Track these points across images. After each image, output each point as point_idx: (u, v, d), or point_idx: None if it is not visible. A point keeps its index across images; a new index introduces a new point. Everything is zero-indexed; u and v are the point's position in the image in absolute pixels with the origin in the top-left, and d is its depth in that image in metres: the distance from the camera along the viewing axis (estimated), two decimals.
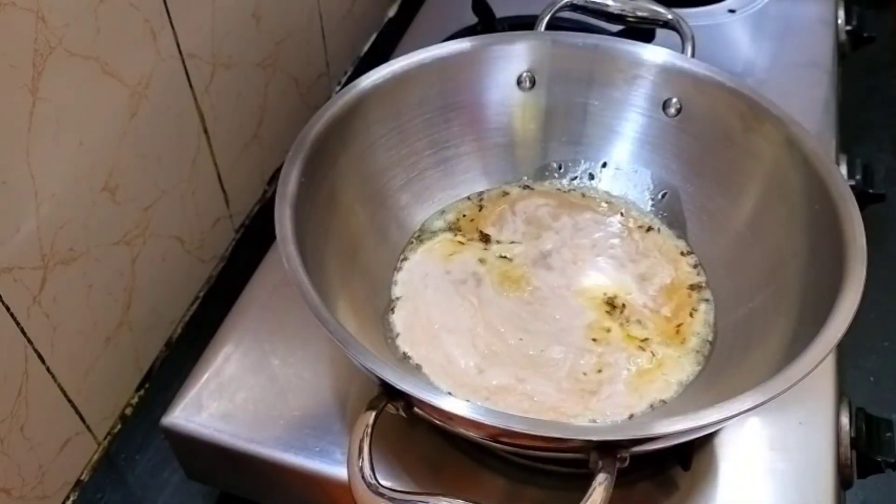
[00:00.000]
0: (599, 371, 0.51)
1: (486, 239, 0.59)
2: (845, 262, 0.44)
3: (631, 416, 0.49)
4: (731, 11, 0.84)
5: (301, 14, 0.78)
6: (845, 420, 0.51)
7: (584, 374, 0.51)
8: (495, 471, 0.49)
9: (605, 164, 0.62)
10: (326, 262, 0.50)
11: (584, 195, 0.62)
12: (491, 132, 0.62)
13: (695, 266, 0.57)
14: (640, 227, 0.60)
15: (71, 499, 0.59)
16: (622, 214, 0.61)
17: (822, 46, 0.80)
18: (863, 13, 0.86)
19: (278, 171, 0.49)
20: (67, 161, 0.52)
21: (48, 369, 0.53)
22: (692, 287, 0.56)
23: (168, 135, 0.61)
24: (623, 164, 0.62)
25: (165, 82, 0.59)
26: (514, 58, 0.60)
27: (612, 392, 0.50)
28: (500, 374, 0.51)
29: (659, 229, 0.60)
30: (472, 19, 0.80)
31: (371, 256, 0.56)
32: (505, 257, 0.58)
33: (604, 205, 0.62)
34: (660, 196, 0.61)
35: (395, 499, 0.39)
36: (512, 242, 0.59)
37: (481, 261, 0.57)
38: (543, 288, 0.56)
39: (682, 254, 0.58)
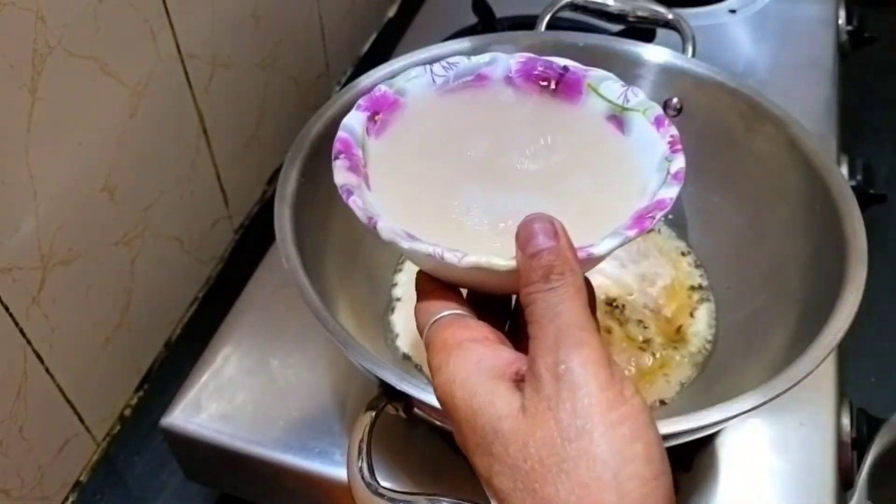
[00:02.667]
0: None
1: None
2: (846, 263, 0.44)
3: None
4: (732, 11, 0.84)
5: (301, 14, 0.78)
6: (846, 421, 0.51)
7: None
8: None
9: None
10: (326, 263, 0.50)
11: None
12: None
13: (695, 266, 0.57)
14: None
15: (70, 500, 0.59)
16: None
17: (823, 46, 0.80)
18: (863, 13, 0.86)
19: (278, 171, 0.49)
20: (66, 161, 0.52)
21: (47, 370, 0.53)
22: (693, 288, 0.56)
23: (167, 135, 0.61)
24: None
25: (165, 82, 0.59)
26: None
27: None
28: None
29: (659, 230, 0.60)
30: (472, 19, 0.80)
31: (371, 257, 0.56)
32: None
33: None
34: None
35: (394, 499, 0.39)
36: None
37: None
38: None
39: (683, 254, 0.58)
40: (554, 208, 0.34)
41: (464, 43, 0.58)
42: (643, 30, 0.72)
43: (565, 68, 0.42)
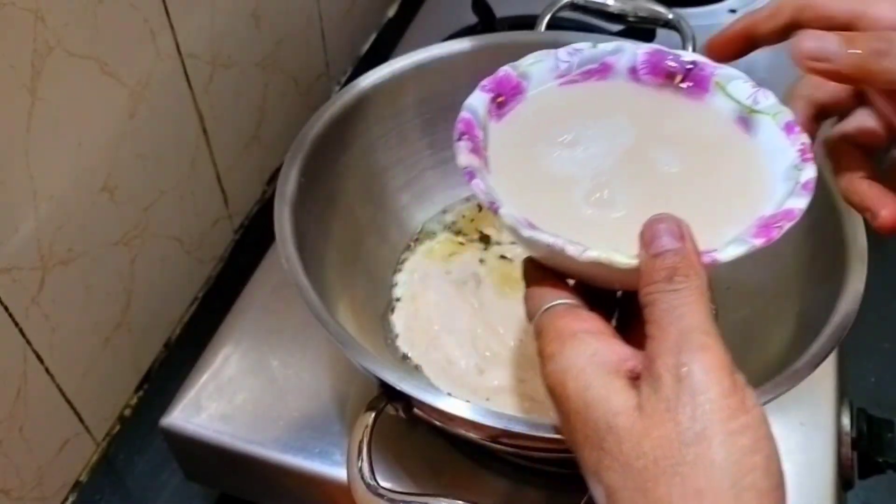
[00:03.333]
0: None
1: (486, 239, 0.59)
2: (846, 263, 0.44)
3: None
4: (732, 11, 0.84)
5: (301, 14, 0.78)
6: (846, 421, 0.51)
7: None
8: (495, 472, 0.49)
9: None
10: (326, 263, 0.50)
11: None
12: None
13: None
14: None
15: (70, 500, 0.59)
16: None
17: None
18: None
19: (278, 171, 0.49)
20: (66, 161, 0.52)
21: (47, 370, 0.53)
22: None
23: (167, 135, 0.61)
24: None
25: (164, 82, 0.59)
26: (514, 58, 0.60)
27: None
28: (501, 374, 0.51)
29: None
30: (472, 19, 0.80)
31: (371, 257, 0.56)
32: (505, 258, 0.58)
33: None
34: None
35: (394, 500, 0.39)
36: (512, 243, 0.58)
37: (481, 261, 0.57)
38: None
39: None
40: (672, 204, 0.33)
41: (464, 43, 0.58)
42: (643, 30, 0.72)
43: (694, 63, 0.41)
